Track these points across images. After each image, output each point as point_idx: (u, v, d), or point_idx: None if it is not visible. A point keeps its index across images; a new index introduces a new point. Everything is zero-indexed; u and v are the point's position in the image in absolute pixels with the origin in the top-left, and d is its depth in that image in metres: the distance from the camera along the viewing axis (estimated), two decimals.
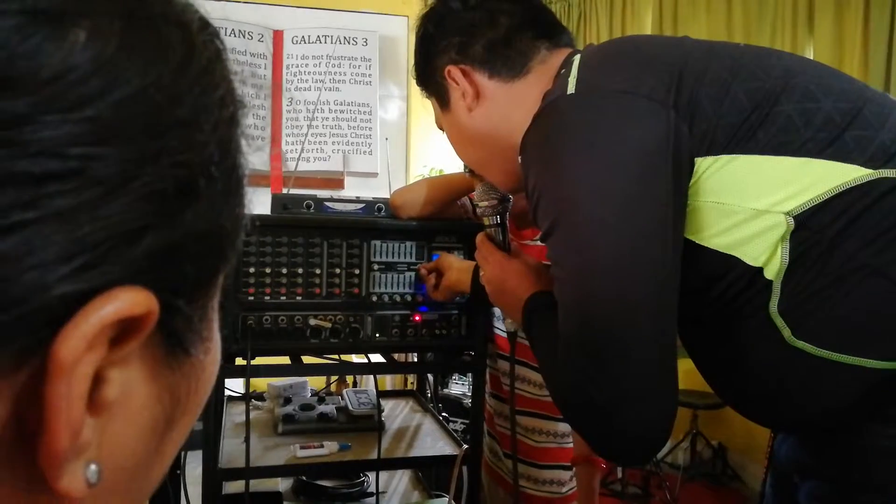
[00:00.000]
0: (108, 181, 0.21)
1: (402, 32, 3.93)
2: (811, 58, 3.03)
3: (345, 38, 3.89)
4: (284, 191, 2.93)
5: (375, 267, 1.24)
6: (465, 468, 1.27)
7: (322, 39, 3.88)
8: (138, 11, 0.24)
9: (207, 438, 1.15)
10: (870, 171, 0.66)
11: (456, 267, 1.19)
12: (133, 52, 0.23)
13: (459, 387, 2.97)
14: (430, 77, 0.94)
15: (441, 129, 0.99)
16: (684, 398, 3.23)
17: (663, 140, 0.68)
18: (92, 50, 0.21)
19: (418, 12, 0.96)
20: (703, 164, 0.68)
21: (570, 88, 0.74)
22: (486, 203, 1.01)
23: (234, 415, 1.47)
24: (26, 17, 0.20)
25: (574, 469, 1.34)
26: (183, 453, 1.40)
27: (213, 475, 1.14)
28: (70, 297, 0.21)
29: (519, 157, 0.78)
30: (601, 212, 0.68)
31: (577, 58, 0.79)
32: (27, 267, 0.20)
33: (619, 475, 3.32)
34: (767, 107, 0.69)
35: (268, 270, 1.17)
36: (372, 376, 1.33)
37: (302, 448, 1.25)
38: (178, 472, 1.30)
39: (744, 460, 3.46)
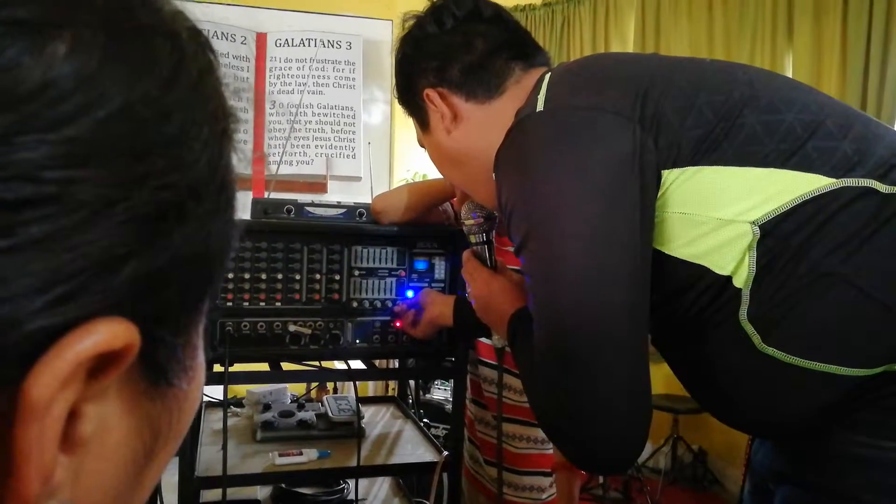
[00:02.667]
0: (89, 206, 0.20)
1: (386, 36, 3.92)
2: (791, 64, 3.09)
3: (329, 41, 3.88)
4: (266, 194, 2.91)
5: (356, 273, 1.23)
6: (445, 475, 1.27)
7: (306, 42, 3.87)
8: (124, 22, 0.22)
9: (184, 446, 1.14)
10: (833, 180, 0.67)
11: (438, 301, 1.21)
12: (118, 66, 0.21)
13: (442, 392, 2.96)
14: (410, 99, 0.96)
15: (423, 147, 1.00)
16: (665, 402, 3.25)
17: (629, 154, 0.69)
18: (73, 64, 0.20)
19: (402, 15, 0.97)
20: (669, 176, 0.70)
21: (539, 106, 0.76)
22: (471, 221, 1.03)
23: (211, 421, 1.45)
24: (2, 28, 0.19)
25: (554, 475, 1.34)
26: None
27: (190, 483, 1.12)
28: (44, 332, 0.19)
29: (493, 174, 0.80)
30: (570, 225, 0.70)
31: (547, 75, 0.81)
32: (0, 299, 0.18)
33: (601, 480, 3.33)
34: (731, 119, 0.70)
35: (247, 276, 1.16)
36: (352, 383, 1.32)
37: (280, 455, 1.23)
38: None
39: (724, 465, 3.48)
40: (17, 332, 0.19)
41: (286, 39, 3.84)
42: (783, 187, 0.67)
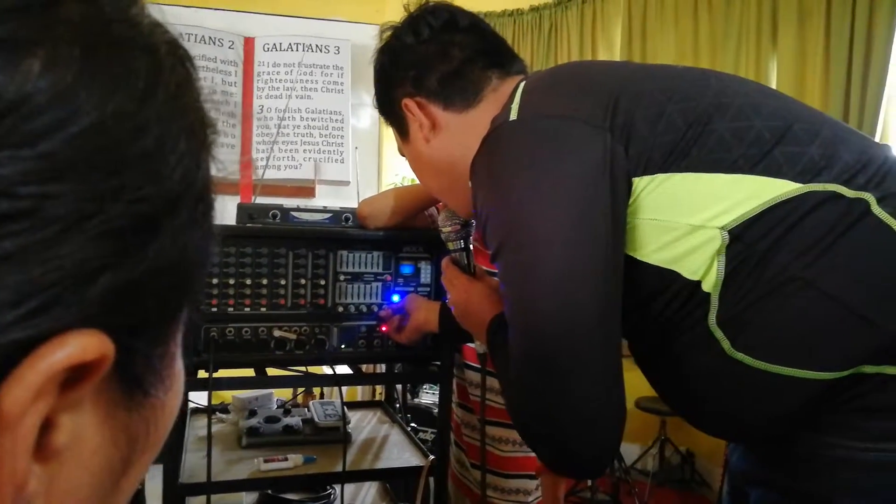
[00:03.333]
0: (63, 220, 0.20)
1: (374, 41, 3.92)
2: (775, 69, 3.12)
3: (317, 45, 3.88)
4: (254, 199, 2.91)
5: (342, 277, 1.23)
6: (431, 479, 1.27)
7: (294, 47, 3.86)
8: (101, 37, 0.22)
9: (168, 452, 1.13)
10: (799, 185, 0.68)
11: (423, 307, 1.21)
12: (94, 81, 0.21)
13: (430, 396, 2.96)
14: (389, 108, 0.97)
15: (403, 155, 1.00)
16: (652, 405, 3.27)
17: (600, 161, 0.70)
18: (48, 79, 0.20)
19: (380, 26, 0.97)
20: (640, 183, 0.71)
21: (513, 115, 0.77)
22: (449, 228, 1.04)
23: (196, 428, 1.45)
24: None
25: (539, 478, 1.35)
26: None
27: (174, 490, 1.12)
28: (17, 345, 0.19)
29: (469, 182, 0.81)
30: (543, 232, 0.71)
31: (521, 85, 0.82)
32: None
33: (589, 483, 3.34)
34: (701, 126, 0.71)
35: (231, 281, 1.15)
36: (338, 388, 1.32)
37: (266, 461, 1.23)
38: (139, 486, 1.28)
39: (711, 466, 3.50)
40: None
41: (274, 44, 3.84)
42: (751, 193, 0.68)
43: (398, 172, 3.84)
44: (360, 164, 3.60)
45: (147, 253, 0.22)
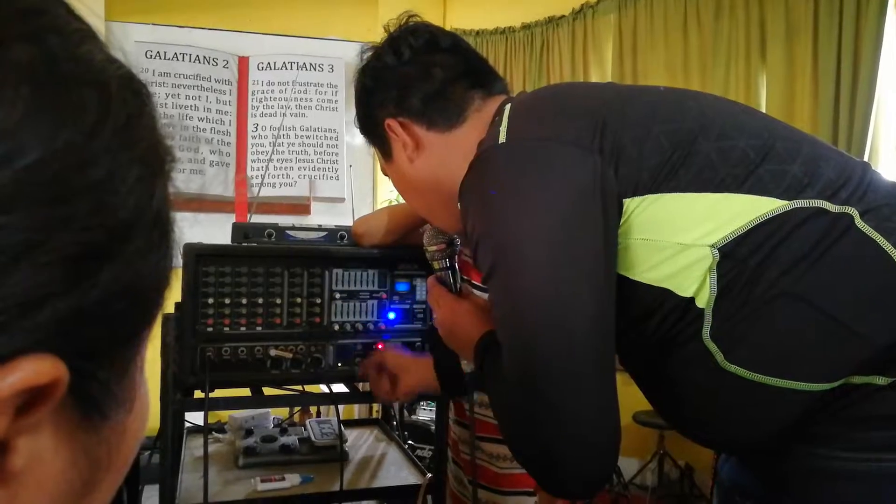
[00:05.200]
0: (10, 251, 0.20)
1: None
2: (765, 85, 3.16)
3: (311, 64, 3.91)
4: (249, 216, 2.91)
5: (337, 296, 1.24)
6: (429, 497, 1.27)
7: (288, 66, 3.89)
8: (49, 75, 0.23)
9: (164, 473, 1.13)
10: (785, 202, 0.69)
11: (412, 370, 1.17)
12: (41, 117, 0.22)
13: (428, 413, 2.95)
14: (371, 129, 0.97)
15: (387, 175, 1.01)
16: (650, 419, 3.26)
17: (589, 183, 0.71)
18: None
19: (360, 47, 0.98)
20: (630, 204, 0.72)
21: (502, 137, 0.77)
22: (434, 248, 1.04)
23: (193, 448, 1.44)
24: None
25: (537, 495, 1.35)
26: (140, 487, 1.37)
27: None
28: None
29: (458, 203, 0.81)
30: (534, 254, 0.71)
31: (508, 107, 0.83)
32: None
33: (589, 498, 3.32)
34: (687, 147, 0.73)
35: (227, 301, 1.15)
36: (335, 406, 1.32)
37: (263, 481, 1.23)
38: None
39: (710, 480, 3.49)
40: None
41: (268, 63, 3.86)
42: (739, 211, 0.70)
43: (392, 189, 3.85)
44: (354, 181, 3.61)
45: (100, 278, 0.23)
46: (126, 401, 0.27)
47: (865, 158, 2.74)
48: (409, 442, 1.61)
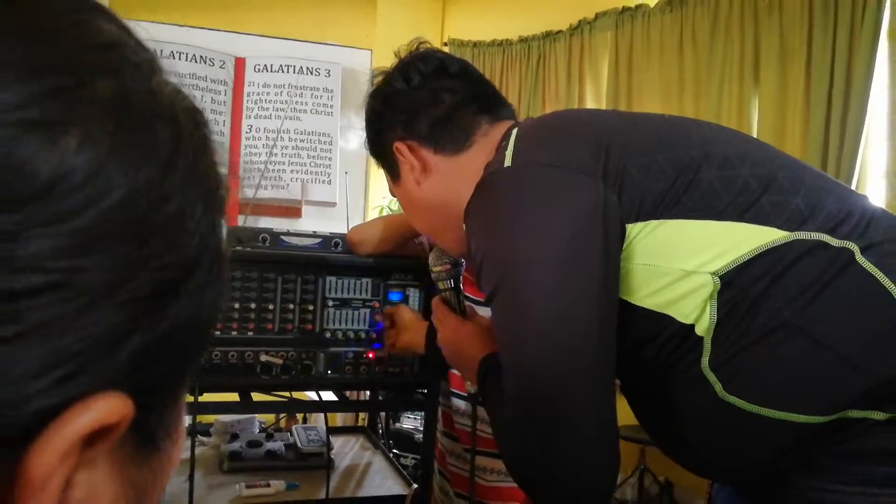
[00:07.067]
0: (92, 292, 0.20)
1: (364, 65, 3.96)
2: (757, 106, 3.19)
3: (307, 68, 3.91)
4: (241, 218, 2.90)
5: (330, 303, 1.23)
6: None
7: (284, 69, 3.89)
8: (127, 110, 0.22)
9: None
10: (786, 233, 0.70)
11: (410, 328, 1.22)
12: (123, 155, 0.21)
13: (412, 421, 2.94)
14: (380, 151, 0.98)
15: (394, 196, 1.02)
16: (632, 433, 3.27)
17: (593, 208, 0.72)
18: (83, 157, 0.20)
19: (371, 72, 1.01)
20: (633, 229, 0.73)
21: (508, 161, 0.79)
22: (439, 268, 1.05)
23: None
24: (15, 129, 0.19)
25: None
26: None
27: None
28: (45, 412, 0.20)
29: (464, 225, 0.82)
30: (537, 277, 0.72)
31: (514, 131, 0.84)
32: (2, 383, 0.19)
33: None
34: (690, 174, 0.74)
35: None
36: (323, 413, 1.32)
37: (248, 487, 1.22)
38: None
39: (690, 496, 3.50)
40: (19, 412, 0.19)
41: (265, 65, 3.85)
42: (740, 239, 0.70)
43: (385, 195, 3.86)
44: (347, 185, 3.61)
45: (167, 315, 0.23)
46: (173, 431, 0.27)
47: (853, 184, 2.77)
48: (394, 451, 1.60)
